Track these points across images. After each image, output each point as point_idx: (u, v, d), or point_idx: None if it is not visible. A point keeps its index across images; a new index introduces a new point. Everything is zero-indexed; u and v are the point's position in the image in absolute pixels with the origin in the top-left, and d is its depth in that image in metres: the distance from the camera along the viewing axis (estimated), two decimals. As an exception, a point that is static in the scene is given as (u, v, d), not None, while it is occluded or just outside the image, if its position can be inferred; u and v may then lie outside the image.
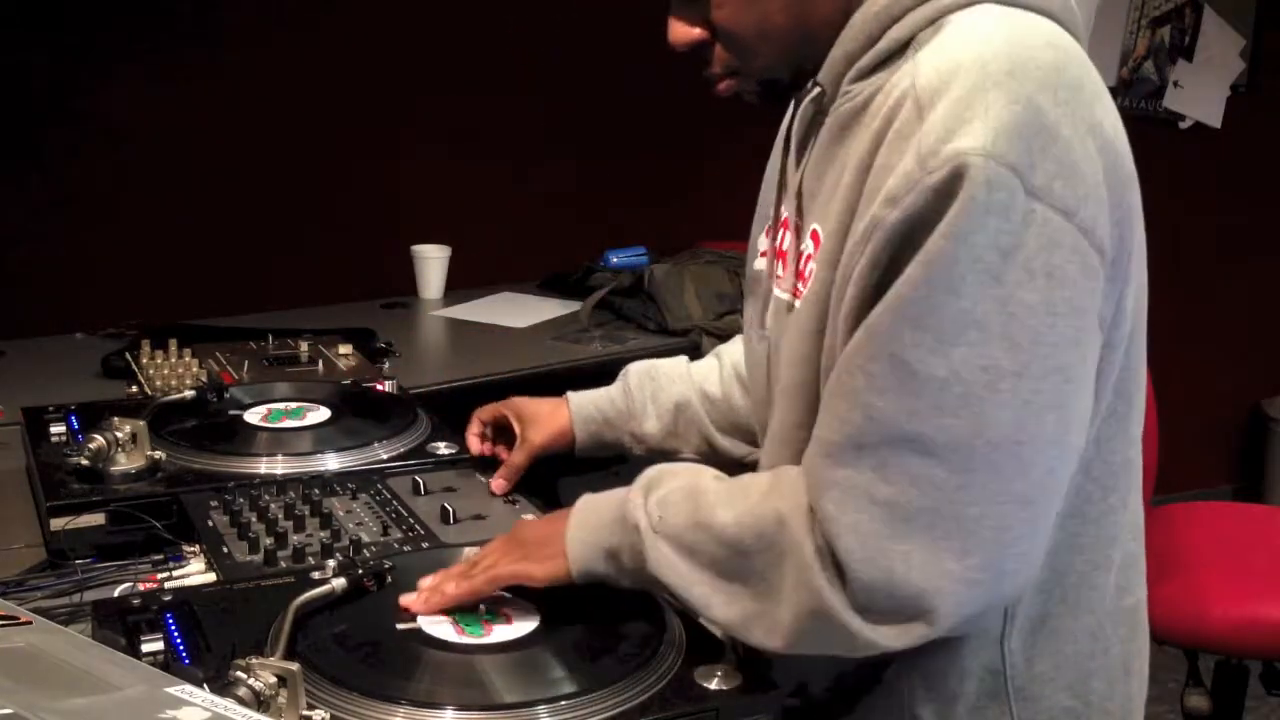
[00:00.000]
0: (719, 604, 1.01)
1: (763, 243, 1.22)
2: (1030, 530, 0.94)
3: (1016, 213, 0.88)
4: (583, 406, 1.45)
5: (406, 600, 1.09)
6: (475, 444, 1.50)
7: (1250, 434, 4.10)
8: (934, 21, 0.98)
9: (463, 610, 1.09)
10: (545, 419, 1.45)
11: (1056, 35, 0.96)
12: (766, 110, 1.15)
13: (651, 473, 1.09)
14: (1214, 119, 3.77)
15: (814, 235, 1.06)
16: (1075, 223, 0.90)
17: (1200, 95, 3.74)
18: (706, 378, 1.43)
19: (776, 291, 1.14)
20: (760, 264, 1.21)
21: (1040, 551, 0.96)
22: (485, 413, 1.52)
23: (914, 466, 0.91)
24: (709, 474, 1.08)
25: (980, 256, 0.88)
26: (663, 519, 1.03)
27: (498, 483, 1.41)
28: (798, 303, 1.07)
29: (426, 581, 1.11)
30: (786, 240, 1.12)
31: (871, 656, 1.01)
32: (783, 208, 1.15)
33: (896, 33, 0.99)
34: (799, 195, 1.10)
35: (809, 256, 1.06)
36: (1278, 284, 4.02)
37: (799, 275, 1.08)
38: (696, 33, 1.08)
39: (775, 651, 0.99)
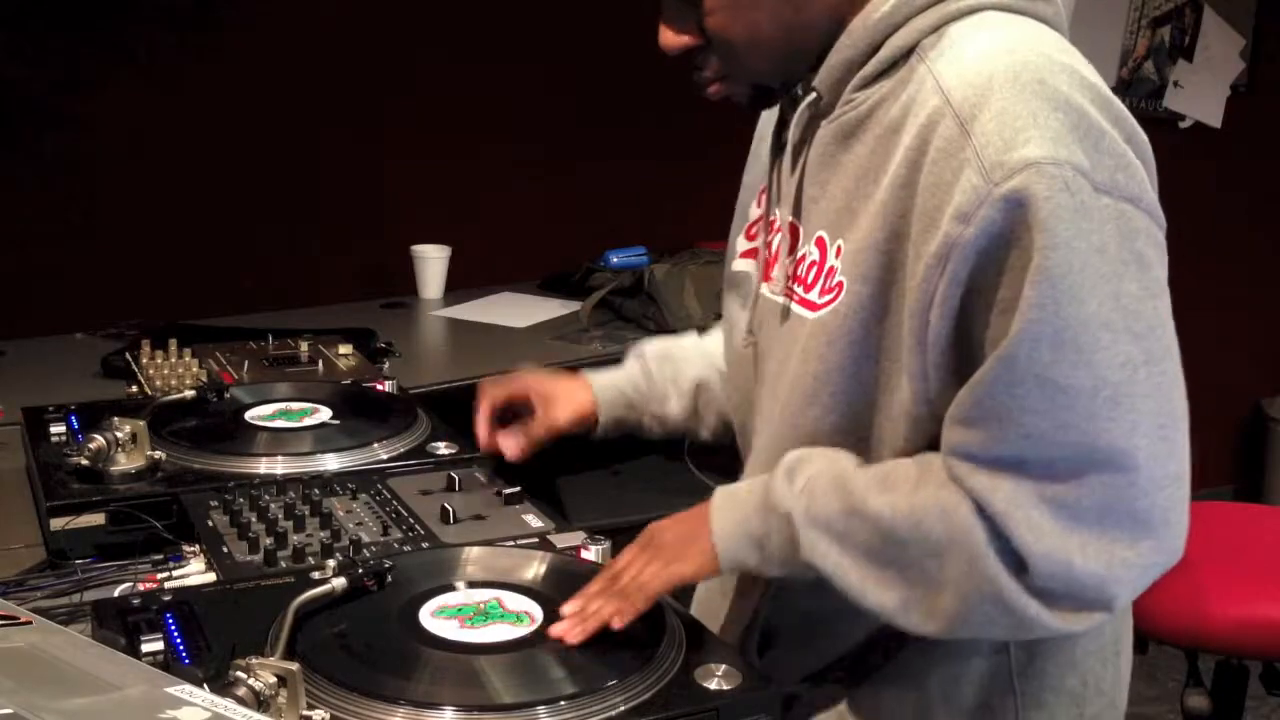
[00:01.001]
0: (873, 590, 1.01)
1: (743, 243, 1.22)
2: (1185, 504, 0.97)
3: (1096, 210, 0.91)
4: (606, 390, 1.44)
5: (559, 631, 1.04)
6: (484, 433, 1.43)
7: (1250, 434, 4.10)
8: (937, 29, 1.00)
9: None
10: (567, 398, 1.43)
11: (1061, 41, 1.00)
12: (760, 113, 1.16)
13: (790, 459, 1.08)
14: (1214, 119, 3.77)
15: (819, 242, 1.06)
16: (1143, 208, 0.95)
17: (1200, 95, 3.74)
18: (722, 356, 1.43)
19: (767, 293, 1.14)
20: (743, 265, 1.21)
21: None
22: (498, 393, 1.46)
23: (1079, 470, 0.93)
24: (847, 459, 1.07)
25: (1088, 260, 0.91)
26: (810, 507, 1.03)
27: (511, 446, 1.39)
28: (804, 312, 1.07)
29: (569, 608, 1.07)
30: (785, 245, 1.12)
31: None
32: (774, 210, 1.15)
33: (899, 40, 1.01)
34: (797, 200, 1.10)
35: (813, 263, 1.06)
36: (1277, 284, 4.01)
37: (799, 280, 1.08)
38: (687, 39, 1.10)
39: (931, 634, 1.01)
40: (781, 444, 1.11)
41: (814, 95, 1.07)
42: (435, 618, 1.08)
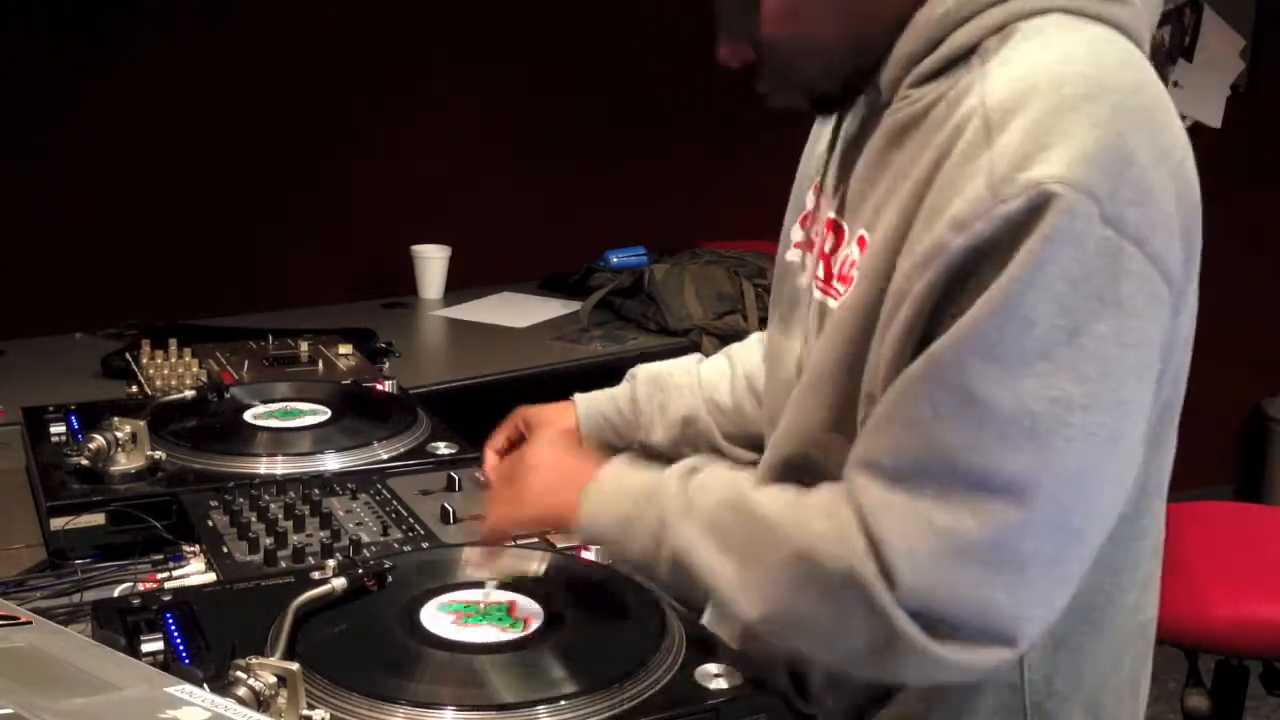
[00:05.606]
0: (741, 593, 0.97)
1: (796, 233, 1.19)
2: (1078, 561, 0.92)
3: (1091, 241, 0.85)
4: (590, 414, 1.43)
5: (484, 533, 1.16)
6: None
7: (1250, 434, 4.10)
8: (1002, 28, 0.94)
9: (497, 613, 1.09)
10: (553, 421, 1.43)
11: (1130, 54, 0.94)
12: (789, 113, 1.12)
13: (691, 460, 1.06)
14: (1214, 119, 3.77)
15: (860, 241, 1.02)
16: (1146, 252, 0.87)
17: (1200, 95, 3.74)
18: (717, 386, 1.41)
19: (811, 288, 1.11)
20: (793, 255, 1.18)
21: (1080, 578, 0.94)
22: (497, 440, 1.45)
23: (975, 498, 0.88)
24: (745, 475, 1.05)
25: (1051, 286, 0.85)
26: (693, 499, 1.01)
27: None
28: (835, 305, 1.04)
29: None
30: (828, 242, 1.09)
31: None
32: (822, 204, 1.12)
33: (961, 38, 0.95)
34: (844, 196, 1.06)
35: (853, 263, 1.03)
36: (1278, 284, 4.01)
37: (841, 279, 1.05)
38: (747, 55, 1.04)
39: (776, 641, 0.99)
40: (791, 434, 1.09)
41: (872, 88, 1.02)
42: (439, 611, 1.08)
